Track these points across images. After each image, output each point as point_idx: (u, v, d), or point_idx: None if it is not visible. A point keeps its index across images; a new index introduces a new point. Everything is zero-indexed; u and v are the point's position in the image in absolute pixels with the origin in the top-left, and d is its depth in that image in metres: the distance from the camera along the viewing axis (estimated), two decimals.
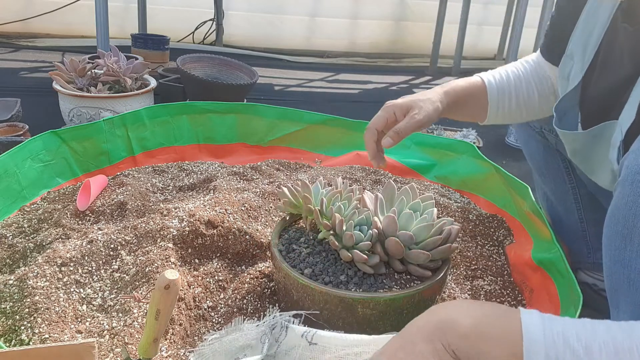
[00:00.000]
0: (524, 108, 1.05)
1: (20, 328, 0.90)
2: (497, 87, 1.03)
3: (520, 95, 1.04)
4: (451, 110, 1.03)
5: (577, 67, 0.89)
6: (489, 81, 1.04)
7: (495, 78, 1.05)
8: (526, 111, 1.06)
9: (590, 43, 0.86)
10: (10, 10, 3.11)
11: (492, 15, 3.80)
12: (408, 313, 0.93)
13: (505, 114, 1.05)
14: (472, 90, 1.04)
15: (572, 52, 0.91)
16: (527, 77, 1.05)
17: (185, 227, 1.13)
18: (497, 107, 1.04)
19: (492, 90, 1.03)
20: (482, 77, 1.05)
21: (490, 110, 1.04)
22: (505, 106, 1.04)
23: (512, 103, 1.04)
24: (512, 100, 1.04)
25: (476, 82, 1.05)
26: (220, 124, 1.74)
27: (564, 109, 0.91)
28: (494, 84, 1.04)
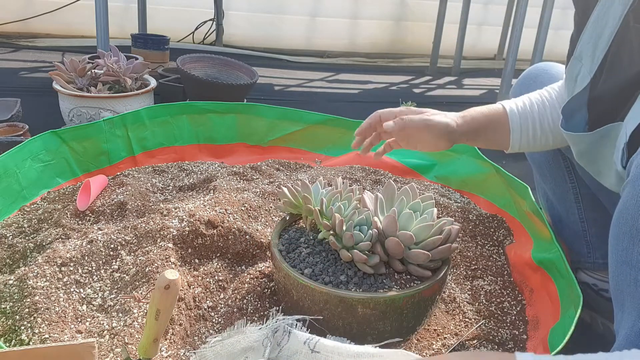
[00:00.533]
0: (550, 134, 1.03)
1: (20, 328, 0.90)
2: (519, 113, 1.02)
3: (545, 121, 1.02)
4: (470, 135, 1.02)
5: (585, 68, 0.89)
6: (511, 108, 1.02)
7: (518, 105, 1.03)
8: (552, 137, 1.04)
9: (600, 44, 0.86)
10: (10, 10, 3.11)
11: (492, 15, 3.80)
12: (408, 313, 0.93)
13: (530, 141, 1.03)
14: (492, 117, 1.02)
15: (581, 54, 0.90)
16: (553, 103, 1.03)
17: (185, 227, 1.13)
18: (519, 134, 1.02)
19: (514, 116, 1.01)
20: (504, 104, 1.03)
21: (513, 137, 1.02)
22: (529, 134, 1.02)
23: (536, 130, 1.02)
24: (536, 126, 1.02)
25: (497, 109, 1.03)
26: (220, 124, 1.74)
27: (571, 110, 0.91)
28: (515, 111, 1.02)
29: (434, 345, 0.98)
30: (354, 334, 0.91)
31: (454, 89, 3.12)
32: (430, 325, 1.03)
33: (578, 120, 0.90)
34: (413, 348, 0.97)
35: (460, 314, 1.07)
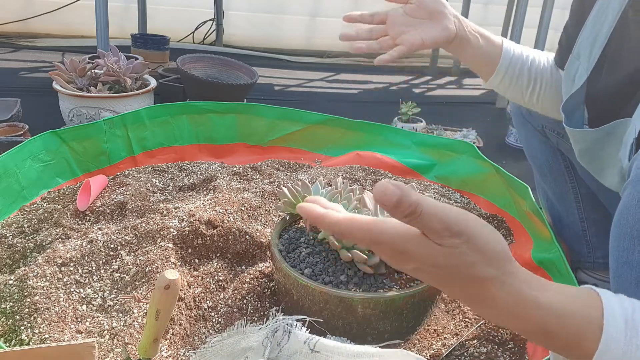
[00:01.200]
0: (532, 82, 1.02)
1: (20, 328, 0.90)
2: (513, 51, 1.01)
3: (533, 69, 1.02)
4: (463, 46, 0.99)
5: (583, 67, 0.89)
6: (508, 44, 1.02)
7: (516, 46, 1.03)
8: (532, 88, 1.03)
9: (597, 42, 0.86)
10: (10, 10, 3.10)
11: (492, 15, 3.80)
12: (408, 313, 0.93)
13: (512, 81, 1.02)
14: (488, 40, 1.01)
15: (579, 52, 0.90)
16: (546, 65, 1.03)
17: (185, 227, 1.13)
18: (506, 68, 1.01)
19: (508, 51, 1.01)
20: (504, 41, 1.03)
21: (499, 68, 1.00)
22: (515, 72, 1.01)
23: (523, 72, 1.01)
24: (523, 69, 1.01)
25: (495, 38, 1.02)
26: (220, 124, 1.74)
27: (570, 109, 0.91)
28: (510, 48, 1.01)
29: (434, 345, 0.98)
30: (354, 334, 0.91)
31: (454, 89, 3.12)
32: (430, 325, 1.03)
33: (577, 119, 0.90)
34: (413, 348, 0.97)
35: (460, 314, 1.07)
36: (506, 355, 0.97)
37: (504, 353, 0.98)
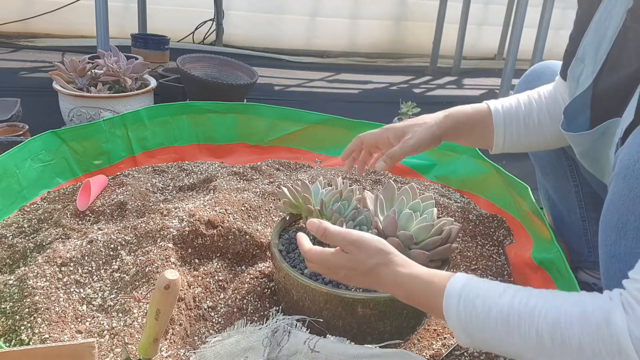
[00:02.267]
0: (534, 137, 1.03)
1: (20, 328, 0.90)
2: (504, 114, 1.01)
3: (531, 123, 1.01)
4: (455, 135, 1.01)
5: (588, 69, 0.89)
6: (496, 108, 1.01)
7: (504, 105, 1.02)
8: (537, 140, 1.03)
9: (602, 45, 0.86)
10: (10, 10, 3.10)
11: (492, 15, 3.80)
12: (408, 313, 0.93)
13: (514, 142, 1.02)
14: (477, 116, 1.01)
15: (584, 55, 0.90)
16: (541, 105, 1.02)
17: (185, 227, 1.13)
18: (503, 135, 1.01)
19: (498, 117, 1.00)
20: (489, 103, 1.02)
21: (497, 137, 1.01)
22: (513, 134, 1.01)
23: (520, 131, 1.01)
24: (520, 128, 1.01)
25: (482, 108, 1.02)
26: (220, 124, 1.74)
27: (574, 111, 0.91)
28: (500, 111, 1.01)
29: (434, 345, 0.98)
30: (354, 334, 0.91)
31: (454, 89, 3.12)
32: (430, 325, 1.03)
33: (582, 121, 0.90)
34: (413, 348, 0.97)
35: None
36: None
37: None
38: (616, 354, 0.58)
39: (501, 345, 0.65)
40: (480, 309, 0.65)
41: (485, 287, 0.66)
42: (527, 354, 0.64)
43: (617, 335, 0.58)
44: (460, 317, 0.66)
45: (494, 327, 0.64)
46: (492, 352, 0.71)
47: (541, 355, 0.62)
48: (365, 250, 0.74)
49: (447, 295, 0.67)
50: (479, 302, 0.65)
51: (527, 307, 0.63)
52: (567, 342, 0.60)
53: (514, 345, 0.64)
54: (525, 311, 0.63)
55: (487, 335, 0.65)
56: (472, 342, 0.67)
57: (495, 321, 0.64)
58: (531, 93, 1.05)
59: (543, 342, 0.61)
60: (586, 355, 0.60)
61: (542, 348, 0.62)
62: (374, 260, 0.74)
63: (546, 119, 1.01)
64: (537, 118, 1.01)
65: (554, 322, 0.61)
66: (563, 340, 0.60)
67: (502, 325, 0.63)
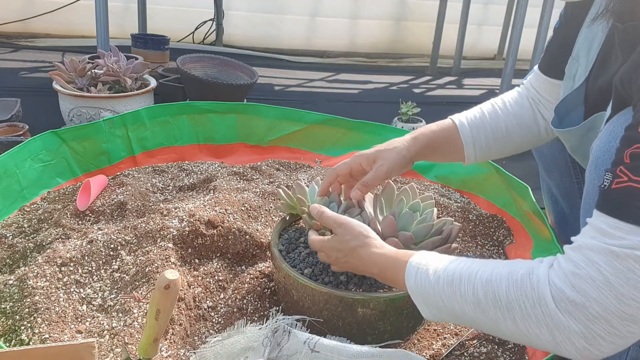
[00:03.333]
0: (504, 144, 1.05)
1: (20, 328, 0.90)
2: (469, 126, 1.03)
3: (499, 132, 1.03)
4: (425, 155, 1.03)
5: (582, 67, 0.90)
6: (461, 122, 1.03)
7: (468, 118, 1.04)
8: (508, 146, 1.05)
9: (594, 44, 0.88)
10: (10, 10, 3.10)
11: (492, 15, 3.80)
12: (408, 313, 0.93)
13: (485, 152, 1.04)
14: (444, 133, 1.03)
15: (578, 54, 0.92)
16: (507, 113, 1.04)
17: (185, 227, 1.13)
18: (473, 147, 1.03)
19: (465, 130, 1.02)
20: (454, 118, 1.05)
21: (467, 150, 1.03)
22: (482, 144, 1.03)
23: (489, 141, 1.03)
24: (489, 138, 1.03)
25: (447, 124, 1.05)
26: (220, 124, 1.73)
27: (567, 108, 0.92)
28: (465, 124, 1.03)
29: (434, 345, 0.98)
30: (354, 334, 0.91)
31: (454, 89, 3.12)
32: (430, 325, 1.03)
33: (575, 118, 0.91)
34: (413, 348, 0.97)
35: None
36: (506, 355, 0.97)
37: (504, 353, 0.98)
38: (537, 305, 0.63)
39: (447, 307, 0.71)
40: (432, 277, 0.72)
41: (439, 259, 0.75)
42: (468, 313, 0.69)
43: (538, 286, 0.63)
44: (418, 285, 0.74)
45: (441, 290, 0.71)
46: (447, 319, 0.74)
47: (479, 313, 0.68)
48: (349, 232, 0.85)
49: (408, 268, 0.76)
50: (432, 271, 0.73)
51: (468, 270, 0.70)
52: (497, 297, 0.66)
53: (458, 304, 0.69)
54: (466, 274, 0.70)
55: (438, 299, 0.71)
56: (430, 310, 0.74)
57: (442, 285, 0.71)
58: (495, 101, 1.07)
59: (479, 299, 0.67)
60: (514, 309, 0.64)
61: (479, 305, 0.67)
62: (355, 242, 0.84)
63: (513, 125, 1.04)
64: (504, 125, 1.03)
65: (487, 280, 0.67)
66: (494, 295, 0.66)
67: (448, 286, 0.70)
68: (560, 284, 0.62)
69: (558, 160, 1.19)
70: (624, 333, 0.60)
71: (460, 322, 0.75)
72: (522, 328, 0.64)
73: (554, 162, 1.20)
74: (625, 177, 0.60)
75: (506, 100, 1.07)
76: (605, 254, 0.60)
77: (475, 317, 0.69)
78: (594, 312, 0.60)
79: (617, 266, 0.59)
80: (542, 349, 0.67)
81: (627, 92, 0.70)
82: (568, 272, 0.62)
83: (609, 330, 0.60)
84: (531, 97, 1.06)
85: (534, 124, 1.05)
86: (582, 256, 0.62)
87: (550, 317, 0.62)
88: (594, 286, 0.60)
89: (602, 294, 0.59)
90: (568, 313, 0.61)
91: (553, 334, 0.62)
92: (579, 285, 0.61)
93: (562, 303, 0.61)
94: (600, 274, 0.60)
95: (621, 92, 0.72)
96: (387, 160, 0.98)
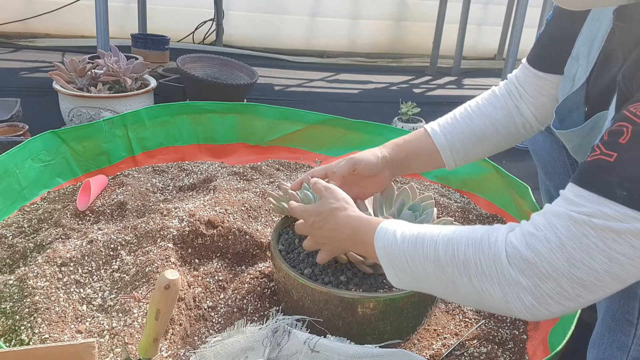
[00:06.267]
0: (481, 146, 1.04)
1: (20, 328, 0.90)
2: (443, 133, 1.03)
3: (473, 135, 1.03)
4: (403, 164, 1.04)
5: (582, 68, 0.90)
6: (432, 129, 1.03)
7: (441, 125, 1.04)
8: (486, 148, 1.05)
9: (595, 44, 0.88)
10: (10, 10, 3.10)
11: (492, 15, 3.80)
12: (408, 313, 0.93)
13: (463, 156, 1.04)
14: (417, 142, 1.04)
15: (578, 54, 0.92)
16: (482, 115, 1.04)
17: (185, 227, 1.13)
18: (450, 152, 1.03)
19: (438, 137, 1.02)
20: (426, 127, 1.05)
21: (444, 156, 1.03)
22: (459, 149, 1.03)
23: (466, 144, 1.03)
24: (464, 142, 1.03)
25: (420, 132, 1.05)
26: (220, 124, 1.73)
27: (568, 109, 0.92)
28: (438, 131, 1.03)
29: (434, 345, 0.98)
30: (354, 334, 0.91)
31: (454, 89, 3.12)
32: (430, 325, 1.03)
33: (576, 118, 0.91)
34: (413, 348, 0.97)
35: (460, 313, 1.07)
36: (506, 355, 0.97)
37: (504, 353, 0.98)
38: (492, 262, 0.65)
39: (411, 268, 0.73)
40: (399, 238, 0.75)
41: (408, 225, 0.77)
42: (429, 272, 0.71)
43: (495, 244, 0.66)
44: (386, 246, 0.76)
45: (406, 249, 0.73)
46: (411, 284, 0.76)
47: (439, 271, 0.70)
48: (333, 196, 0.89)
49: (378, 230, 0.78)
50: (399, 233, 0.75)
51: (433, 231, 0.73)
52: (455, 254, 0.68)
53: (420, 264, 0.72)
54: (430, 234, 0.72)
55: (403, 260, 0.73)
56: (396, 273, 0.76)
57: (407, 244, 0.73)
58: (469, 104, 1.07)
59: (439, 257, 0.70)
60: (470, 266, 0.67)
61: (438, 263, 0.70)
62: (336, 204, 0.88)
63: (488, 126, 1.04)
64: (478, 128, 1.03)
65: (449, 238, 0.70)
66: (453, 252, 0.69)
67: (412, 245, 0.73)
68: (517, 243, 0.64)
69: (557, 163, 1.19)
70: (572, 296, 0.62)
71: (423, 286, 0.75)
72: (476, 286, 0.67)
73: (553, 165, 1.20)
74: (599, 151, 0.62)
75: (480, 102, 1.07)
76: (565, 219, 0.62)
77: (435, 276, 0.71)
78: (544, 271, 0.62)
79: (573, 230, 0.61)
80: (493, 311, 0.69)
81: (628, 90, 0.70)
82: (526, 233, 0.65)
83: (557, 291, 0.62)
84: (511, 93, 1.05)
85: (511, 123, 1.05)
86: (544, 219, 0.64)
87: (502, 274, 0.64)
88: (547, 247, 0.62)
89: (554, 255, 0.62)
90: (519, 270, 0.63)
91: (504, 290, 0.64)
92: (534, 244, 0.63)
93: (515, 260, 0.64)
94: (556, 236, 0.62)
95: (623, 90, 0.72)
96: (357, 154, 1.01)
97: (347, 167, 0.99)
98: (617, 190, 0.59)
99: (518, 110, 1.04)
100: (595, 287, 0.62)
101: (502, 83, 1.09)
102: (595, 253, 0.60)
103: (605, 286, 0.61)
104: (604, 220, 0.60)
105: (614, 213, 0.59)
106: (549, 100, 1.01)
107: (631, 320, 0.77)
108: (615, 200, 0.59)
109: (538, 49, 1.02)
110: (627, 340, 0.77)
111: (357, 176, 1.01)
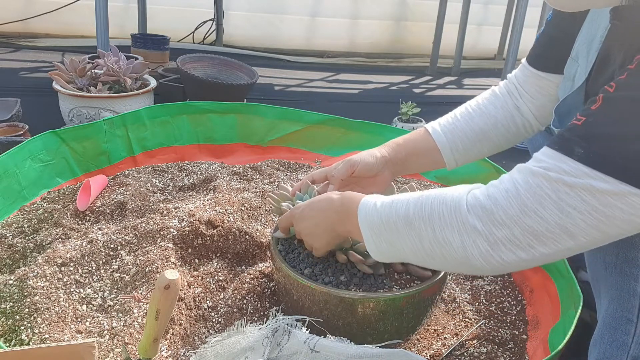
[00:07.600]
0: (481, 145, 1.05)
1: (20, 328, 0.90)
2: (443, 132, 1.03)
3: (474, 134, 1.03)
4: (403, 163, 1.04)
5: (581, 68, 0.90)
6: (433, 129, 1.04)
7: (441, 124, 1.04)
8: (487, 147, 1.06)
9: (593, 44, 0.88)
10: (10, 10, 3.10)
11: (492, 15, 3.80)
12: (408, 313, 0.93)
13: (464, 155, 1.04)
14: (418, 142, 1.04)
15: (577, 54, 0.92)
16: (482, 115, 1.04)
17: (185, 227, 1.13)
18: (451, 151, 1.03)
19: (439, 136, 1.03)
20: (426, 126, 1.05)
21: (445, 155, 1.03)
22: (459, 148, 1.03)
23: (466, 143, 1.03)
24: (465, 141, 1.03)
25: (421, 132, 1.05)
26: (220, 124, 1.73)
27: (568, 109, 0.92)
28: (439, 130, 1.03)
29: (434, 345, 0.98)
30: (354, 334, 0.91)
31: (454, 89, 3.12)
32: (430, 325, 1.03)
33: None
34: (413, 348, 0.97)
35: (461, 314, 1.07)
36: (506, 355, 0.97)
37: (504, 353, 0.98)
38: (453, 213, 0.69)
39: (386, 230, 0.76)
40: (379, 206, 0.78)
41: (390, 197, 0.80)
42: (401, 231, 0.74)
43: (458, 197, 0.70)
44: (367, 214, 0.79)
45: (382, 213, 0.77)
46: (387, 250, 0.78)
47: (408, 228, 0.73)
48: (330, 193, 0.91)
49: (361, 202, 0.81)
50: (379, 203, 0.78)
51: (407, 195, 0.77)
52: (422, 208, 0.72)
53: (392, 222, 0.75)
54: (404, 197, 0.76)
55: (379, 223, 0.76)
56: (374, 240, 0.78)
57: (384, 207, 0.77)
58: (470, 103, 1.08)
59: (408, 213, 0.73)
60: (434, 217, 0.71)
61: (407, 219, 0.73)
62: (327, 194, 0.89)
63: (488, 126, 1.04)
64: (478, 127, 1.04)
65: (419, 197, 0.74)
66: (421, 207, 0.73)
67: (387, 208, 0.76)
68: (478, 194, 0.69)
69: None
70: (524, 245, 0.66)
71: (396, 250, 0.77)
72: (438, 237, 0.70)
73: None
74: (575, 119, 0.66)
75: (480, 102, 1.07)
76: (525, 172, 0.67)
77: (405, 234, 0.74)
78: (498, 218, 0.66)
79: (529, 181, 0.66)
80: (454, 266, 0.72)
81: None
82: (490, 186, 0.69)
83: (509, 238, 0.66)
84: (511, 92, 1.05)
85: (511, 123, 1.05)
86: (508, 175, 0.69)
87: (462, 221, 0.68)
88: (505, 196, 0.67)
89: (509, 203, 0.66)
90: (477, 216, 0.67)
91: (462, 237, 0.68)
92: (493, 194, 0.68)
93: (474, 209, 0.68)
94: (515, 187, 0.66)
95: None
96: (356, 155, 1.02)
97: (345, 169, 1.00)
98: (575, 149, 0.63)
99: (518, 110, 1.04)
100: (546, 238, 0.65)
101: (502, 83, 1.09)
102: (547, 203, 0.64)
103: (556, 239, 0.65)
104: (559, 174, 0.63)
105: (569, 169, 0.63)
106: (548, 100, 1.01)
107: (631, 319, 0.77)
108: (572, 157, 0.63)
109: (538, 48, 1.02)
110: (627, 339, 0.77)
111: (357, 177, 1.02)
